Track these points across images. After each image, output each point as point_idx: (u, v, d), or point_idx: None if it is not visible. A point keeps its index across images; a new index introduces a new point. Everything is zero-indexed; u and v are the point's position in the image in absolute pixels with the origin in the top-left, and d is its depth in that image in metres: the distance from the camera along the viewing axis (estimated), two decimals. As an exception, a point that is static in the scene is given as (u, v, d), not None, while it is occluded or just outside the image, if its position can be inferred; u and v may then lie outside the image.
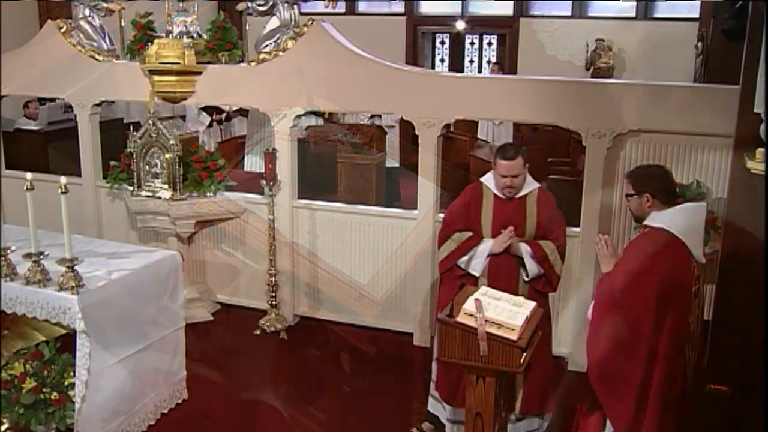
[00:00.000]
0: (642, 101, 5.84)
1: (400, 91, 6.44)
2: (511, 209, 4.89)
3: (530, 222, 4.89)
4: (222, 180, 6.83)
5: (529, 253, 4.83)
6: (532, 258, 4.83)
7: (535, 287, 4.91)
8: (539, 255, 4.83)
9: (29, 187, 4.57)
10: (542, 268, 4.85)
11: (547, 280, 4.91)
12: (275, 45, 6.80)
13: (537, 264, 4.84)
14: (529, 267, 4.85)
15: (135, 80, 7.11)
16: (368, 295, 6.89)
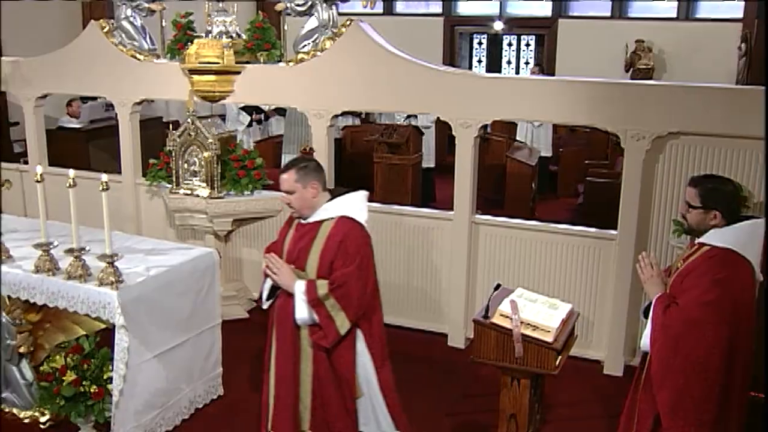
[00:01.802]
0: (683, 103, 5.75)
1: (437, 91, 6.43)
2: (303, 235, 4.13)
3: (314, 253, 4.06)
4: (259, 179, 6.89)
5: (302, 291, 3.98)
6: (303, 299, 3.98)
7: (310, 335, 4.07)
8: (311, 297, 3.96)
9: (71, 183, 4.65)
10: (316, 314, 3.97)
11: (322, 332, 4.02)
12: (313, 45, 6.83)
13: (308, 307, 3.98)
14: (297, 309, 4.00)
15: (175, 79, 7.19)
16: (403, 295, 6.90)
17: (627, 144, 5.91)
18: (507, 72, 16.20)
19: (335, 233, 4.02)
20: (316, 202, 4.09)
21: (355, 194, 4.19)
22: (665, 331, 3.74)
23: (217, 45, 6.88)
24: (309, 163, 4.17)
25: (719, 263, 3.70)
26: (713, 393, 3.70)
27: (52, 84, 8.13)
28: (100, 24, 7.71)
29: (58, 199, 5.07)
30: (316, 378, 4.13)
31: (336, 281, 3.96)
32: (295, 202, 4.10)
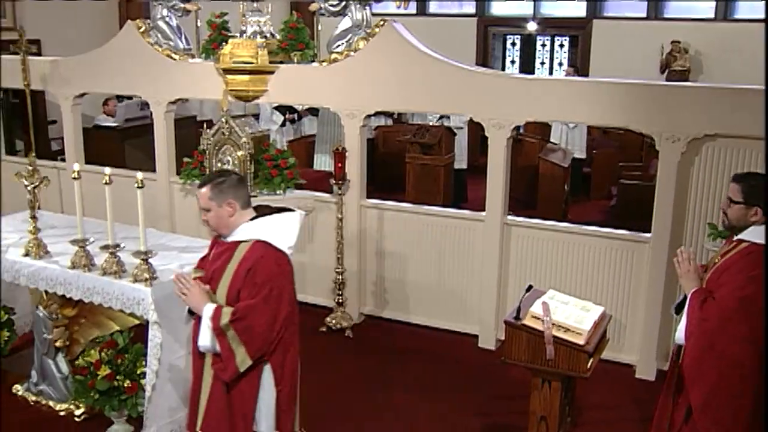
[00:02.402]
0: (719, 105, 5.68)
1: (470, 92, 6.42)
2: (220, 255, 3.83)
3: (225, 278, 3.74)
4: (292, 178, 6.92)
5: (209, 316, 3.65)
6: (208, 324, 3.65)
7: (212, 365, 3.75)
8: (215, 325, 3.62)
9: (108, 181, 4.71)
10: (218, 343, 3.63)
11: (222, 364, 3.68)
12: (347, 45, 6.86)
13: (212, 335, 3.65)
14: (201, 335, 3.68)
15: (209, 79, 7.25)
16: (434, 296, 6.89)
17: (662, 146, 5.85)
18: (540, 73, 16.10)
19: (246, 259, 3.67)
20: (233, 221, 3.74)
21: (280, 216, 3.82)
22: (701, 324, 3.73)
23: (252, 45, 6.93)
24: (227, 178, 3.79)
25: (757, 260, 3.69)
26: (748, 389, 3.66)
27: (89, 83, 8.25)
28: (136, 24, 7.80)
29: (94, 197, 5.14)
30: (208, 408, 3.81)
31: (238, 312, 3.61)
32: (210, 221, 3.81)
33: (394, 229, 6.94)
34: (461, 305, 6.80)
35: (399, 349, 6.60)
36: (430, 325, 6.94)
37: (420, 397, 5.79)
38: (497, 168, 6.45)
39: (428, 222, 6.83)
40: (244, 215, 3.75)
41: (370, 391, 5.87)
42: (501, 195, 6.45)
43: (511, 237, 6.52)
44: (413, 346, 6.66)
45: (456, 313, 6.84)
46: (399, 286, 7.03)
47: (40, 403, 5.49)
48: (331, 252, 6.98)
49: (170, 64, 7.59)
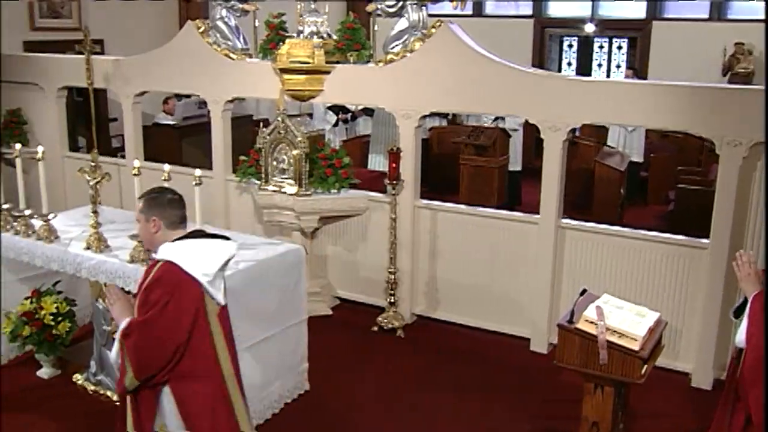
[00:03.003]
0: (783, 109, 5.54)
1: (526, 93, 6.38)
2: (146, 271, 3.68)
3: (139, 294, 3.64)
4: (346, 177, 6.97)
5: (121, 329, 3.54)
6: (119, 337, 3.54)
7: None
8: (121, 334, 3.53)
9: (167, 177, 4.80)
10: (120, 357, 3.51)
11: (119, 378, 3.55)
12: (403, 46, 6.87)
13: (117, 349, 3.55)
14: (114, 346, 3.59)
15: (266, 78, 7.35)
16: (486, 298, 6.87)
17: (723, 150, 5.73)
18: (597, 76, 15.90)
19: (152, 277, 3.53)
20: (157, 238, 3.62)
21: (204, 242, 3.64)
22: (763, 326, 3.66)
23: (308, 45, 7.00)
24: (159, 195, 3.68)
25: None
26: None
27: (150, 82, 8.43)
28: (196, 24, 7.94)
29: (153, 193, 5.24)
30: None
31: (129, 329, 3.49)
32: (139, 233, 3.78)
33: (447, 230, 6.93)
34: (513, 308, 6.76)
35: (450, 350, 6.59)
36: (482, 327, 6.92)
37: (470, 398, 5.77)
38: (552, 171, 6.40)
39: (482, 224, 6.80)
40: (169, 235, 3.61)
41: (420, 392, 5.87)
42: (556, 198, 6.40)
43: (565, 240, 6.46)
44: (464, 348, 6.64)
45: (508, 316, 6.80)
46: (451, 287, 7.02)
47: (98, 393, 5.63)
48: (384, 252, 7.01)
49: (228, 63, 7.70)
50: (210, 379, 3.59)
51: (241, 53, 7.74)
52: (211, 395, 3.59)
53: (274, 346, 5.35)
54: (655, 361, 4.50)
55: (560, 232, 6.45)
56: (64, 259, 5.47)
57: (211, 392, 3.60)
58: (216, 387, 3.62)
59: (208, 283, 3.54)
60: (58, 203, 7.55)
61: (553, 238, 6.41)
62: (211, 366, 3.59)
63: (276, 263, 5.36)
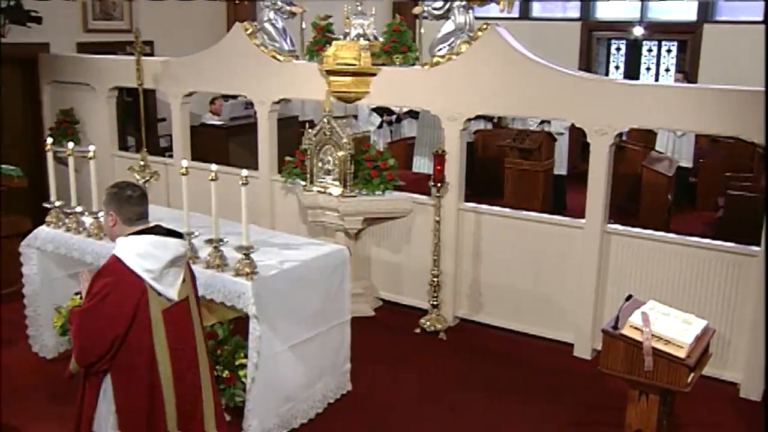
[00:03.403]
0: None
1: (572, 97, 6.33)
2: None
3: None
4: (391, 179, 6.98)
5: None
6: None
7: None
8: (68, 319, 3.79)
9: (214, 177, 4.86)
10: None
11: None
12: (449, 48, 6.86)
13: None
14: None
15: (312, 80, 7.40)
16: (529, 302, 6.82)
17: (775, 156, 5.62)
18: (646, 79, 15.68)
19: (98, 269, 3.67)
20: (113, 232, 3.72)
21: (151, 238, 3.65)
22: None
23: (355, 47, 7.03)
24: (119, 190, 3.74)
25: None
26: None
27: (198, 83, 8.54)
28: (243, 26, 8.02)
29: (199, 192, 5.31)
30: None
31: (72, 314, 3.68)
32: (105, 227, 3.86)
33: (491, 233, 6.91)
34: (557, 312, 6.70)
35: (492, 354, 6.56)
36: (525, 331, 6.87)
37: (512, 403, 5.74)
38: (598, 175, 6.33)
39: (526, 227, 6.76)
40: (124, 229, 3.68)
41: (461, 394, 5.85)
42: (602, 202, 6.33)
43: (610, 245, 6.39)
44: (507, 352, 6.61)
45: (551, 321, 6.74)
46: (494, 290, 6.99)
47: (143, 389, 5.70)
48: (427, 254, 7.00)
49: (275, 65, 7.77)
50: (145, 375, 3.63)
51: (288, 55, 7.81)
52: (144, 392, 3.64)
53: (317, 345, 5.39)
54: (702, 369, 4.43)
55: (606, 237, 6.38)
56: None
57: (144, 389, 3.64)
58: (149, 384, 3.65)
59: (153, 279, 3.58)
60: (108, 201, 7.68)
61: (599, 243, 6.35)
62: (147, 362, 3.62)
63: (320, 264, 5.39)
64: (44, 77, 9.88)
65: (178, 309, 3.71)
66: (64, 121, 9.64)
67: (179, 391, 3.73)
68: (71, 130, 9.58)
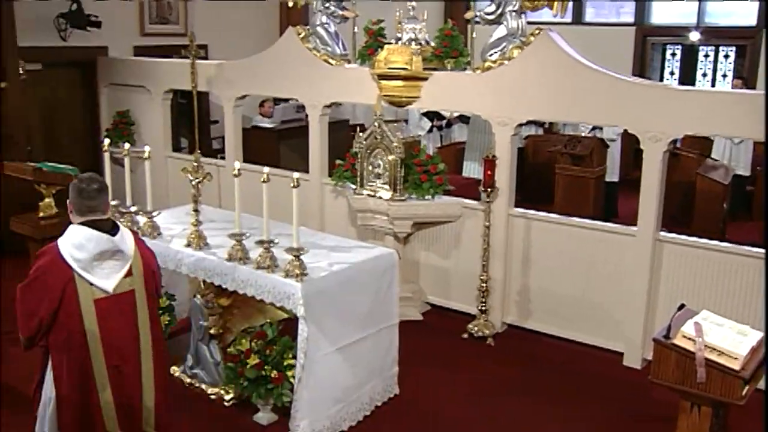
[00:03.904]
0: None
1: (625, 103, 6.25)
2: None
3: None
4: (441, 184, 6.98)
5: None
6: None
7: None
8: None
9: (265, 179, 4.92)
10: None
11: None
12: (501, 53, 6.84)
13: None
14: None
15: (364, 84, 7.44)
16: (579, 309, 6.75)
17: (836, 165, 5.47)
18: (702, 85, 15.39)
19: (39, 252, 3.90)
20: (71, 219, 3.91)
21: (84, 231, 3.79)
22: None
23: (406, 51, 7.05)
24: (79, 183, 3.87)
25: None
26: None
27: (251, 86, 8.65)
28: (296, 30, 8.11)
29: (250, 193, 5.38)
30: None
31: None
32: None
33: (541, 239, 6.85)
34: (607, 321, 6.62)
35: (540, 361, 6.51)
36: (574, 339, 6.80)
37: (559, 411, 5.69)
38: (651, 182, 6.24)
39: (577, 234, 6.69)
40: (75, 218, 3.85)
41: (507, 401, 5.83)
42: (654, 210, 6.24)
43: (663, 254, 6.29)
44: (555, 359, 6.55)
45: (601, 329, 6.66)
46: (543, 297, 6.93)
47: (193, 386, 5.80)
48: (476, 259, 6.98)
49: (327, 68, 7.83)
50: (78, 358, 3.77)
51: (340, 59, 7.86)
52: (77, 375, 3.78)
53: (366, 348, 5.40)
54: (757, 383, 4.33)
55: (658, 245, 6.28)
56: (165, 255, 5.66)
57: (77, 372, 3.78)
58: (81, 367, 3.79)
59: (81, 268, 3.73)
60: (161, 201, 7.80)
61: (651, 251, 6.26)
62: (79, 345, 3.77)
63: (369, 266, 5.41)
64: (102, 80, 10.13)
65: (114, 301, 3.83)
66: (120, 122, 9.87)
67: (115, 381, 3.85)
68: (127, 131, 9.80)
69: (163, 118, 9.65)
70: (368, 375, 5.48)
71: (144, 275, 3.95)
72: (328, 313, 5.03)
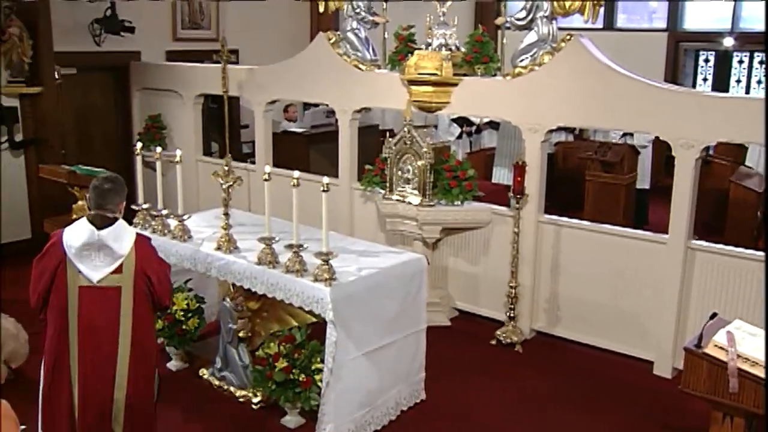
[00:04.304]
0: None
1: (657, 109, 6.20)
2: None
3: None
4: (470, 189, 6.96)
5: None
6: None
7: None
8: None
9: (295, 184, 4.95)
10: None
11: None
12: (531, 59, 6.82)
13: None
14: None
15: (394, 89, 7.46)
16: (608, 317, 6.69)
17: None
18: (736, 92, 15.20)
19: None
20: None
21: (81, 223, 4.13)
22: None
23: (437, 57, 7.05)
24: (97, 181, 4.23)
25: None
26: None
27: (281, 91, 8.71)
28: (327, 35, 8.15)
29: (280, 198, 5.41)
30: None
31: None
32: None
33: (570, 246, 6.81)
34: (637, 329, 6.56)
35: (568, 368, 6.46)
36: (603, 347, 6.74)
37: (587, 419, 5.64)
38: (683, 190, 6.18)
39: (607, 241, 6.64)
40: (89, 211, 4.19)
41: (535, 407, 5.79)
42: (686, 218, 6.18)
43: (695, 262, 6.22)
44: (584, 366, 6.50)
45: (631, 337, 6.60)
46: (573, 304, 6.88)
47: (222, 388, 5.83)
48: (505, 265, 6.96)
49: (357, 74, 7.86)
50: (57, 336, 4.06)
51: (370, 64, 7.89)
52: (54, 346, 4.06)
53: (393, 353, 5.40)
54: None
55: (690, 253, 6.22)
56: (195, 258, 5.73)
57: (54, 344, 4.07)
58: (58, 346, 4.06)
59: (72, 255, 4.03)
60: (191, 204, 7.90)
61: (682, 259, 6.19)
62: (61, 324, 4.05)
63: (398, 272, 5.42)
64: (135, 84, 10.26)
65: (98, 293, 4.05)
66: (152, 126, 9.98)
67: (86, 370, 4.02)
68: (159, 135, 9.91)
69: (194, 122, 9.74)
70: (394, 380, 5.48)
71: (135, 276, 4.10)
72: (357, 318, 5.05)
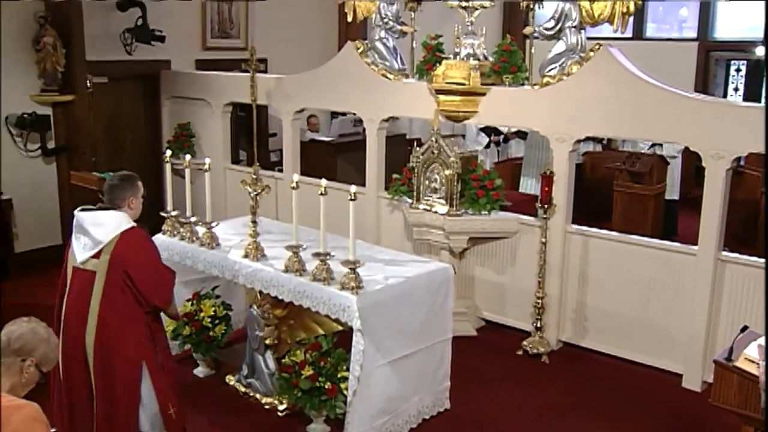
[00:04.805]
0: None
1: (687, 119, 6.15)
2: None
3: None
4: (497, 199, 6.94)
5: None
6: None
7: None
8: None
9: (323, 192, 4.97)
10: None
11: None
12: (560, 69, 6.80)
13: None
14: None
15: (421, 98, 7.47)
16: (637, 329, 6.63)
17: None
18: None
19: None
20: None
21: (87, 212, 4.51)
22: None
23: (465, 66, 7.06)
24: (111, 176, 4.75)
25: None
26: None
27: (309, 100, 8.75)
28: (355, 45, 8.18)
29: (307, 206, 5.44)
30: None
31: None
32: None
33: (598, 257, 6.77)
34: (665, 341, 6.49)
35: (595, 380, 6.41)
36: (631, 359, 6.68)
37: (614, 431, 5.59)
38: (713, 201, 6.12)
39: (635, 252, 6.59)
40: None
41: (561, 419, 5.75)
42: (716, 229, 6.11)
43: (725, 274, 6.15)
44: (611, 378, 6.44)
45: (659, 349, 6.53)
46: (600, 315, 6.83)
47: (248, 395, 5.86)
48: (532, 276, 6.93)
49: (385, 83, 7.88)
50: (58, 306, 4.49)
51: (398, 73, 7.91)
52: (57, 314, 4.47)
53: (417, 362, 5.40)
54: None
55: (720, 265, 6.15)
56: (223, 265, 5.77)
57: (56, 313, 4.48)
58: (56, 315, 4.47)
59: (74, 236, 4.45)
60: (219, 212, 7.95)
61: (712, 271, 6.12)
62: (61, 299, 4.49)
63: (424, 281, 5.42)
64: (165, 92, 10.37)
65: (80, 275, 4.40)
66: (181, 134, 10.07)
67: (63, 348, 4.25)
68: (188, 143, 10.00)
69: (223, 131, 9.82)
70: (417, 388, 5.48)
71: (110, 265, 4.32)
72: (383, 326, 5.05)
